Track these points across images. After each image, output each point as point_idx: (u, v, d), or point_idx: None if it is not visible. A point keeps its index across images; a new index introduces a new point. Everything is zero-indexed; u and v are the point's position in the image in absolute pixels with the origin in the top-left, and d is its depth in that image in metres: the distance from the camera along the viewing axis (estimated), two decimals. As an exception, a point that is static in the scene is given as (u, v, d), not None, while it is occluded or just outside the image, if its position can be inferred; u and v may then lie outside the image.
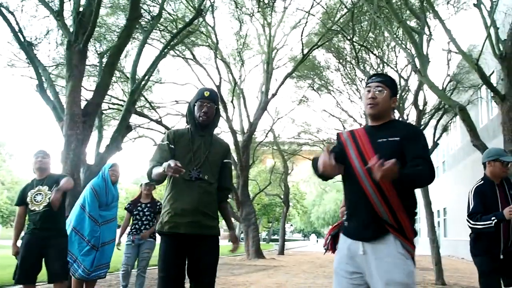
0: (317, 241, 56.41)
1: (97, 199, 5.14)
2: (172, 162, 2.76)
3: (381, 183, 2.26)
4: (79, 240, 5.00)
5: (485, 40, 5.09)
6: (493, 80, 13.53)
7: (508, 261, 3.97)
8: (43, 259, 4.52)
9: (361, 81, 18.51)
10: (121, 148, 8.03)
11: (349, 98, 20.51)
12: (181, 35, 10.87)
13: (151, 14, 9.87)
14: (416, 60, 7.14)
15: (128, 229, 6.24)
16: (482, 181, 4.09)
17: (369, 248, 2.35)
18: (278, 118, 20.41)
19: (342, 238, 2.51)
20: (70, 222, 5.04)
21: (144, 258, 6.11)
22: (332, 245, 2.75)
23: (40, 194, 4.57)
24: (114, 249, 5.47)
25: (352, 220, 2.47)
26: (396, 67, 14.97)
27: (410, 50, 7.53)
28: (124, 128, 8.19)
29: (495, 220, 3.74)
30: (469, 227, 3.97)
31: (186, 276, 3.08)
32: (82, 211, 5.10)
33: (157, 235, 6.30)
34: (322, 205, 56.11)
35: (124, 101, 15.12)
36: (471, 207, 3.98)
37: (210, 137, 3.25)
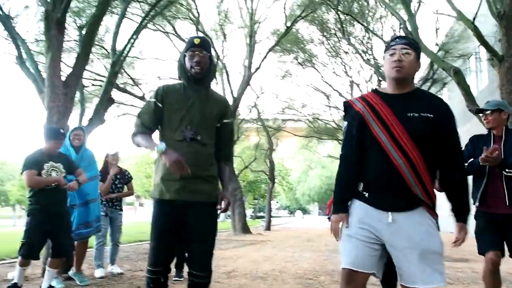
0: (302, 217, 56.54)
1: None
2: (172, 159, 2.54)
3: (410, 155, 2.27)
4: None
5: None
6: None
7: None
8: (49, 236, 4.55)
9: (346, 53, 18.40)
10: (104, 121, 7.84)
11: (334, 72, 20.48)
12: (160, 6, 10.55)
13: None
14: (408, 24, 6.94)
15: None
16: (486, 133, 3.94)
17: (400, 217, 2.30)
18: (262, 93, 20.21)
19: (358, 205, 2.39)
20: None
21: (118, 230, 6.24)
22: None
23: (55, 170, 4.53)
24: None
25: (376, 190, 2.36)
26: (382, 37, 14.88)
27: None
28: (106, 100, 7.95)
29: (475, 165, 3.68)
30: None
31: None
32: None
33: (123, 208, 6.31)
34: (307, 181, 56.35)
35: (105, 77, 14.77)
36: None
37: (206, 92, 2.86)
